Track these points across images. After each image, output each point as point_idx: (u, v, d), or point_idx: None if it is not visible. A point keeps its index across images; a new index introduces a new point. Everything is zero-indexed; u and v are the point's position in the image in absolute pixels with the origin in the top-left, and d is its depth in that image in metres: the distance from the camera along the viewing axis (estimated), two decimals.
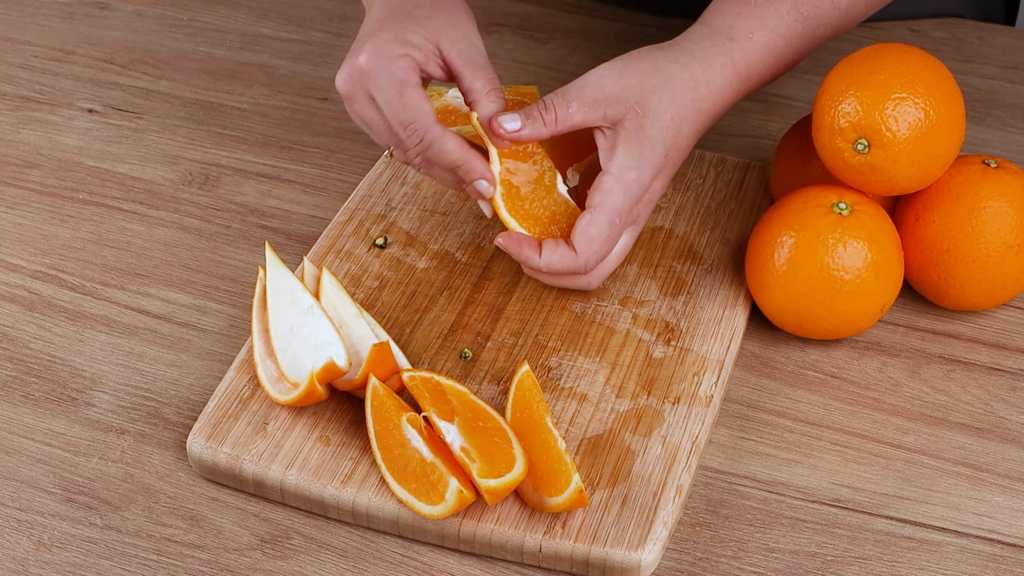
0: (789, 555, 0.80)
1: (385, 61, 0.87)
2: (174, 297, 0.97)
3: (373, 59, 0.87)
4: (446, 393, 0.82)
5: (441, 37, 0.89)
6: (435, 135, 0.87)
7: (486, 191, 0.88)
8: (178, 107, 1.14)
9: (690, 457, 0.83)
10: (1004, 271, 0.90)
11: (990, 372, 0.91)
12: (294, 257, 0.99)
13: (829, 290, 0.87)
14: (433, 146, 0.87)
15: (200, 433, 0.84)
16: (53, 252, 1.01)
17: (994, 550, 0.81)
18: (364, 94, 0.87)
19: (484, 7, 1.25)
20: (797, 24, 0.91)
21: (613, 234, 0.87)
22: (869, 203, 0.89)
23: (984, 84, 1.16)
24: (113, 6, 1.27)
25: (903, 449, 0.86)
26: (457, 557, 0.81)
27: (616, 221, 0.86)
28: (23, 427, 0.88)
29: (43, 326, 0.95)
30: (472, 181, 0.88)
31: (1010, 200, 0.89)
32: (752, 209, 1.01)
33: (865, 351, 0.92)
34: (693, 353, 0.90)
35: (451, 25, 0.89)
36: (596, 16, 1.24)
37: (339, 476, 0.82)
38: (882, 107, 0.86)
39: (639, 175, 0.86)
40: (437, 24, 0.89)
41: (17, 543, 0.81)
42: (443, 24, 0.89)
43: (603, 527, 0.79)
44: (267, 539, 0.82)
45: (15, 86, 1.17)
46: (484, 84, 0.89)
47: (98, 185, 1.07)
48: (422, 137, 0.86)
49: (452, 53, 0.89)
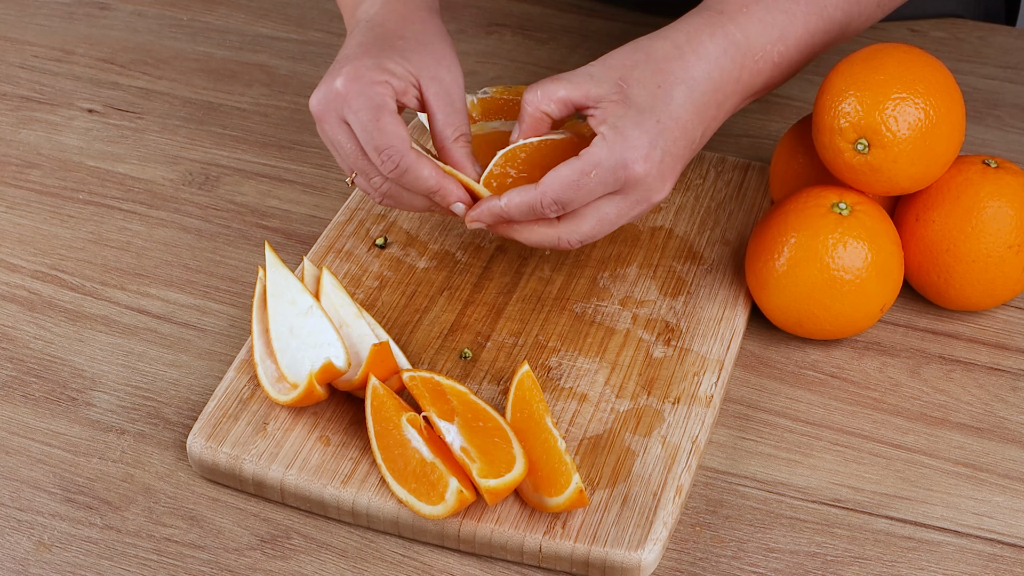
0: (789, 555, 0.80)
1: (363, 86, 0.86)
2: (174, 297, 0.97)
3: (351, 83, 0.86)
4: (446, 393, 0.82)
5: (423, 73, 0.88)
6: (410, 161, 0.85)
7: (462, 213, 0.87)
8: (178, 107, 1.14)
9: (690, 457, 0.83)
10: (1004, 271, 0.90)
11: (990, 372, 0.91)
12: (294, 257, 0.99)
13: (829, 290, 0.87)
14: (408, 172, 0.85)
15: (200, 433, 0.84)
16: (53, 252, 1.01)
17: (994, 550, 0.81)
18: (337, 117, 0.87)
19: (484, 7, 1.25)
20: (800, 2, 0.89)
21: (584, 184, 0.83)
22: (869, 203, 0.89)
23: (984, 84, 1.16)
24: (113, 6, 1.27)
25: (903, 449, 0.86)
26: (457, 557, 0.81)
27: (590, 172, 0.83)
28: (23, 427, 0.88)
29: (43, 326, 0.95)
30: (449, 205, 0.87)
31: (1010, 200, 0.89)
32: (752, 209, 1.01)
33: (865, 351, 0.92)
34: (693, 353, 0.90)
35: (435, 62, 0.89)
36: (595, 16, 1.24)
37: (339, 476, 0.82)
38: (882, 107, 0.86)
39: (625, 136, 0.83)
40: (421, 60, 0.88)
41: (17, 543, 0.81)
42: (427, 60, 0.88)
43: (603, 527, 0.79)
44: (267, 539, 0.82)
45: (15, 86, 1.17)
46: (453, 131, 0.88)
47: (98, 185, 1.07)
48: (397, 163, 0.85)
49: (430, 92, 0.88)
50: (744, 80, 0.89)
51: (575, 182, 0.83)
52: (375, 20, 0.91)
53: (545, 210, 0.84)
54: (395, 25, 0.91)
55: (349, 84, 0.86)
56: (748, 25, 0.88)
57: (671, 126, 0.85)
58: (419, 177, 0.86)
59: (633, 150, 0.83)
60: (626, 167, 0.83)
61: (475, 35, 1.22)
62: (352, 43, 0.90)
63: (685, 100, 0.86)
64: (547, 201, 0.84)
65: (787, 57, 0.90)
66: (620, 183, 0.84)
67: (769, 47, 0.89)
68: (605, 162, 0.83)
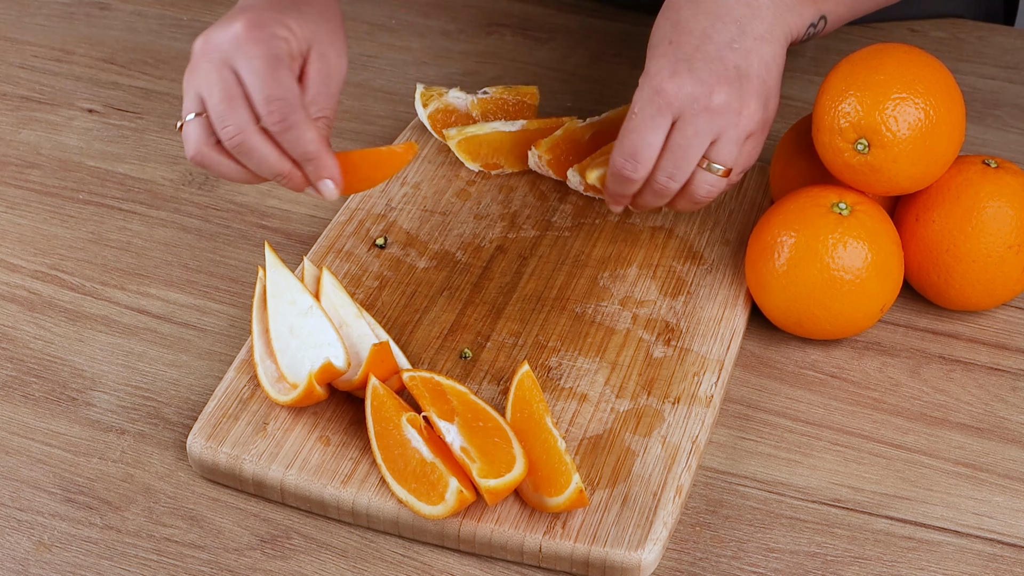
0: (789, 555, 0.80)
1: (265, 35, 0.83)
2: (174, 297, 0.97)
3: (252, 29, 0.83)
4: (446, 393, 0.82)
5: (314, 46, 0.86)
6: (300, 118, 0.82)
7: (330, 193, 0.85)
8: (178, 107, 1.14)
9: (690, 457, 0.83)
10: (1004, 271, 0.90)
11: (990, 372, 0.91)
12: (294, 257, 0.99)
13: (829, 290, 0.87)
14: (294, 129, 0.82)
15: (200, 433, 0.84)
16: (53, 252, 1.01)
17: (994, 550, 0.81)
18: (221, 60, 0.83)
19: (484, 7, 1.25)
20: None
21: (633, 124, 0.88)
22: (869, 203, 0.89)
23: (984, 84, 1.16)
24: (113, 6, 1.27)
25: (903, 449, 0.86)
26: (457, 557, 0.81)
27: (640, 112, 0.87)
28: (23, 427, 0.88)
29: (43, 326, 0.95)
30: (319, 180, 0.84)
31: (1010, 200, 0.89)
32: (752, 209, 1.01)
33: (865, 351, 0.92)
34: (693, 353, 0.90)
35: (328, 39, 0.87)
36: (596, 16, 1.24)
37: (339, 476, 0.82)
38: (882, 107, 0.86)
39: (646, 72, 0.88)
40: (317, 32, 0.87)
41: (17, 543, 0.81)
42: (321, 34, 0.87)
43: (603, 527, 0.79)
44: (267, 539, 0.82)
45: (15, 86, 1.17)
46: (317, 110, 0.85)
47: (98, 185, 1.07)
48: (285, 116, 0.82)
49: (313, 67, 0.86)
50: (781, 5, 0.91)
51: (625, 127, 0.87)
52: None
53: (623, 169, 0.88)
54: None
55: (250, 31, 0.83)
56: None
57: (685, 39, 0.88)
58: (301, 137, 0.82)
59: (655, 76, 0.87)
60: (658, 92, 0.87)
61: (475, 35, 1.22)
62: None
63: (693, 11, 0.89)
64: (617, 159, 0.88)
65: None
66: (667, 107, 0.87)
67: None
68: (639, 98, 0.87)
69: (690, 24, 0.89)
